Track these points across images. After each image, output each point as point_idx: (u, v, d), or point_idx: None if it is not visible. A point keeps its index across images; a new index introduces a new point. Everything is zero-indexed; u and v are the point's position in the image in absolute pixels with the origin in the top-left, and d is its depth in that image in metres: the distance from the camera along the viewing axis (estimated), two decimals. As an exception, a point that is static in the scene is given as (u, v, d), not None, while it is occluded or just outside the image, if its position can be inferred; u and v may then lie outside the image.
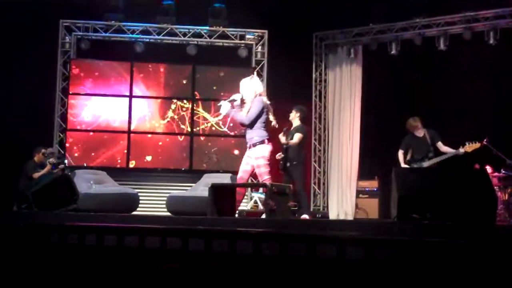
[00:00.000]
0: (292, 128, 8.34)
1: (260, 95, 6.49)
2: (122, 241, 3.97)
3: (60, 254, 4.17)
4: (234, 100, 6.50)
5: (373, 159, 11.07)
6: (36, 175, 9.20)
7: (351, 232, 3.80)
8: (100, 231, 3.92)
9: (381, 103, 11.18)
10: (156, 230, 3.89)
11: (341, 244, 3.19)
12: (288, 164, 8.04)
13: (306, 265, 3.31)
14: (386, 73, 11.21)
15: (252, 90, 6.48)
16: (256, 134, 6.44)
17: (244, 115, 6.42)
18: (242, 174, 6.55)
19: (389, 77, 11.17)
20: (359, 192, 11.29)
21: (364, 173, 11.37)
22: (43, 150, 9.52)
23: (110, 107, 11.39)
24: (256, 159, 6.43)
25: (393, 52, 11.08)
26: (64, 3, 10.79)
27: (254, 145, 6.45)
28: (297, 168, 8.10)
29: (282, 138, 8.04)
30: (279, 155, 8.02)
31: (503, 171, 8.75)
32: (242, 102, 6.52)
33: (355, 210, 11.24)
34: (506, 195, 8.72)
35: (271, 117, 6.55)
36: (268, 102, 6.55)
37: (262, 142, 6.41)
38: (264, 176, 6.36)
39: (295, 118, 8.42)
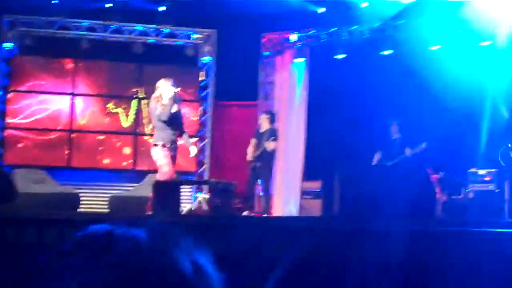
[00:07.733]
0: (264, 131, 9.11)
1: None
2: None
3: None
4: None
5: (316, 160, 11.10)
6: None
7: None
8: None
9: (326, 104, 11.21)
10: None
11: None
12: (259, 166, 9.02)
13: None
14: (333, 76, 11.24)
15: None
16: None
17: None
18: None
19: (335, 79, 11.20)
20: (302, 193, 11.27)
21: (307, 174, 11.38)
22: None
23: (53, 104, 11.13)
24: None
25: (340, 55, 11.22)
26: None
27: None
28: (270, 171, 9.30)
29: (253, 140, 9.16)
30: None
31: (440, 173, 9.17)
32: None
33: (300, 212, 11.23)
34: (444, 197, 9.03)
35: None
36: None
37: None
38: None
39: (265, 121, 9.26)
